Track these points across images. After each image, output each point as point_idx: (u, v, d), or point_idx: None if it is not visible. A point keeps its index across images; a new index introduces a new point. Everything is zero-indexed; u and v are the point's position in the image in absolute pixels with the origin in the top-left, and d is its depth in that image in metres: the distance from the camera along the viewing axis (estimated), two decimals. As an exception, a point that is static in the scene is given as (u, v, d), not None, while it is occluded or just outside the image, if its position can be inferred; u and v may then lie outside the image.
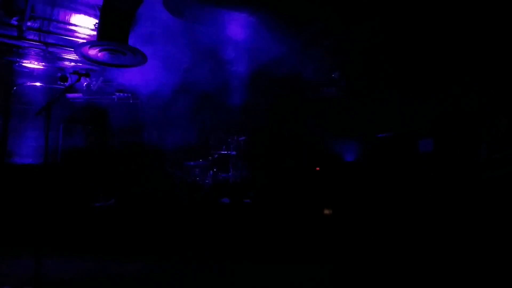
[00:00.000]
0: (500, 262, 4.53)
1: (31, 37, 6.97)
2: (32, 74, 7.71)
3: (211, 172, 8.11)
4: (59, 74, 7.61)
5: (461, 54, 6.04)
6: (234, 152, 8.29)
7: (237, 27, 6.84)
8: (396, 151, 7.45)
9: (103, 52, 5.72)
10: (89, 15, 6.84)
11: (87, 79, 7.79)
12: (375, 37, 6.83)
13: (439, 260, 4.99)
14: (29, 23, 6.73)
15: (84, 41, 6.82)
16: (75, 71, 7.47)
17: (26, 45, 7.06)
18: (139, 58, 5.83)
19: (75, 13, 6.90)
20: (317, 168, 7.81)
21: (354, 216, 6.88)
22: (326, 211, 7.19)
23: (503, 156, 5.36)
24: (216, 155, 8.30)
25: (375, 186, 7.18)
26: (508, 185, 5.16)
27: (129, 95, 8.15)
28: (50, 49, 7.21)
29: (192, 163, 8.08)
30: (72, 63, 7.67)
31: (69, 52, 7.34)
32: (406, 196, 6.71)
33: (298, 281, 4.41)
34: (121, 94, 7.98)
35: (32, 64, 7.54)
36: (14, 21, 6.65)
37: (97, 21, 6.59)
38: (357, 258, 5.32)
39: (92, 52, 5.72)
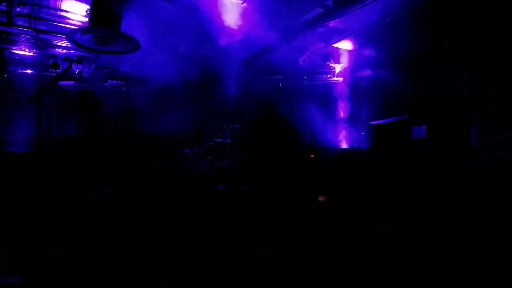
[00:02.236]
0: (489, 245, 4.62)
1: (21, 23, 6.84)
2: (23, 61, 7.58)
3: (206, 160, 8.10)
4: (51, 61, 7.50)
5: (451, 43, 6.06)
6: (229, 140, 8.29)
7: (231, 13, 6.76)
8: (390, 138, 7.50)
9: (95, 39, 5.63)
10: (81, 0, 6.71)
11: (79, 66, 7.69)
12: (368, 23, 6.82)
13: (431, 245, 5.07)
14: (18, 9, 6.59)
15: (76, 27, 6.70)
16: (67, 58, 7.40)
17: (16, 31, 6.92)
18: (132, 45, 5.75)
19: (66, -1, 6.76)
20: (312, 156, 7.83)
21: (349, 203, 6.94)
22: (321, 198, 7.24)
23: (492, 142, 5.43)
24: (211, 143, 8.29)
25: (370, 172, 7.24)
26: (496, 170, 5.24)
27: (122, 82, 8.06)
28: (41, 35, 7.09)
29: (187, 151, 8.06)
30: (64, 50, 7.55)
31: (60, 39, 7.21)
32: (400, 181, 6.78)
33: (288, 264, 4.47)
34: (114, 81, 7.89)
35: (22, 51, 7.41)
36: (3, 7, 6.50)
37: (88, 7, 6.47)
38: (350, 243, 5.39)
39: (84, 39, 5.63)
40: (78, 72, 7.81)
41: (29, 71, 7.52)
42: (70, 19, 6.95)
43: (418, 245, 5.22)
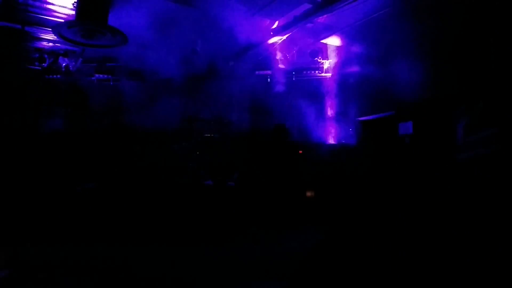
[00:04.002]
0: (476, 240, 4.70)
1: (7, 15, 6.73)
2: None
3: (195, 155, 8.09)
4: (37, 55, 7.40)
5: (437, 39, 6.13)
6: (217, 135, 8.29)
7: (220, 8, 6.75)
8: (377, 134, 7.57)
9: (82, 33, 5.58)
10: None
11: (66, 59, 7.59)
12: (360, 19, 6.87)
13: (417, 239, 5.14)
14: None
15: (62, 21, 6.62)
16: (52, 51, 7.32)
17: (1, 24, 6.82)
18: (119, 39, 5.71)
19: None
20: (300, 151, 7.86)
21: (336, 198, 7.01)
22: (309, 193, 7.28)
23: (478, 138, 5.51)
24: (200, 138, 8.27)
25: (357, 168, 7.30)
26: (482, 166, 5.33)
27: (109, 76, 7.99)
28: (27, 28, 6.99)
29: (175, 146, 8.04)
30: (50, 43, 7.45)
31: (47, 32, 7.12)
32: (386, 177, 6.85)
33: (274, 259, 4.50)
34: (101, 75, 7.82)
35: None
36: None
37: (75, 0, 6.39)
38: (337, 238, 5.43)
39: (71, 32, 5.58)
40: (64, 65, 7.71)
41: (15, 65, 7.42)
42: (57, 12, 6.86)
43: (404, 241, 5.29)
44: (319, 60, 8.31)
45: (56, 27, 5.70)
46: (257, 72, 8.61)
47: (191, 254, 4.77)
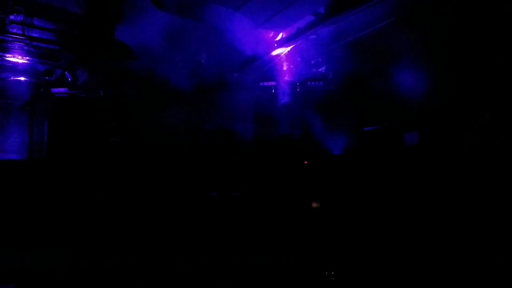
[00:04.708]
0: (480, 251, 4.65)
1: (14, 31, 6.86)
2: (16, 68, 7.58)
3: (199, 165, 8.08)
4: (44, 68, 7.49)
5: (442, 48, 6.13)
6: (222, 146, 8.29)
7: (224, 21, 6.82)
8: (382, 144, 7.53)
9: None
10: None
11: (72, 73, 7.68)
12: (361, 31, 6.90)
13: (425, 251, 5.10)
14: (12, 17, 6.63)
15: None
16: (59, 66, 7.42)
17: (9, 39, 6.95)
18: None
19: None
20: (305, 162, 7.85)
21: (342, 209, 6.97)
22: (314, 204, 7.25)
23: (484, 149, 5.48)
24: (204, 149, 8.27)
25: (362, 178, 7.27)
26: (488, 177, 5.30)
27: (117, 90, 8.05)
28: (34, 43, 7.11)
29: (180, 156, 8.04)
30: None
31: (53, 46, 7.23)
32: (392, 188, 6.81)
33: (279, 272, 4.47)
34: (108, 88, 7.89)
35: (16, 58, 7.41)
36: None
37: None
38: (344, 251, 5.41)
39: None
40: (71, 79, 7.80)
41: (22, 79, 7.52)
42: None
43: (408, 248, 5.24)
44: (323, 71, 8.33)
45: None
46: (261, 83, 8.64)
47: (194, 265, 4.75)
